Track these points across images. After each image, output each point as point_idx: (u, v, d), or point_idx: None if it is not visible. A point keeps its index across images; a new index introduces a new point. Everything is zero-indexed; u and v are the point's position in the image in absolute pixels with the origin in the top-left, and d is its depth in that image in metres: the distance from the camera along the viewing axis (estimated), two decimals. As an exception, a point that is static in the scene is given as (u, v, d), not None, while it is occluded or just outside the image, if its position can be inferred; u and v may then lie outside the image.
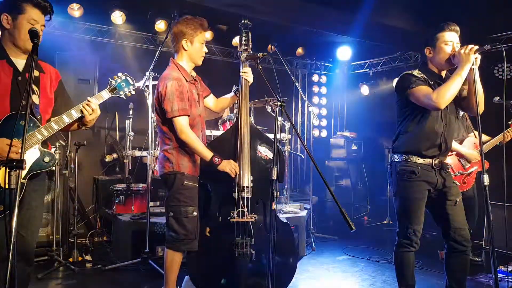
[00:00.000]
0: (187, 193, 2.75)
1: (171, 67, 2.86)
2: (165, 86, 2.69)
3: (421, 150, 2.62)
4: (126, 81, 2.37)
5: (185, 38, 2.82)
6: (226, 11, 4.89)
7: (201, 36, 2.87)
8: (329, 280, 3.81)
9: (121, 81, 2.35)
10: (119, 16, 5.37)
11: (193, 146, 2.72)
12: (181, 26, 2.83)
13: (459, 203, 2.66)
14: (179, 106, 2.67)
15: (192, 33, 2.83)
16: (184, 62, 2.88)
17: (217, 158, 2.76)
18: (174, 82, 2.69)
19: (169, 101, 2.66)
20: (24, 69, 2.11)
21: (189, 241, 2.75)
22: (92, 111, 2.18)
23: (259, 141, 3.08)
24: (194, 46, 2.85)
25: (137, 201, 4.56)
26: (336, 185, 6.63)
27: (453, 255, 2.65)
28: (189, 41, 2.83)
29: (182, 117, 2.68)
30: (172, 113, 2.67)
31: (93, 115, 2.19)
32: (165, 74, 2.81)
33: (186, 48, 2.84)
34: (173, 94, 2.67)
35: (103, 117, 5.51)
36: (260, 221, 2.98)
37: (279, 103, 2.51)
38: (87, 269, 3.90)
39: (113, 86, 2.33)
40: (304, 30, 6.02)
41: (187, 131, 2.69)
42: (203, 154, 2.74)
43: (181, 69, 2.83)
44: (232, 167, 2.82)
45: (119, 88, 2.34)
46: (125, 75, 2.37)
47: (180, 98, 2.68)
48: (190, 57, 2.87)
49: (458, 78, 2.43)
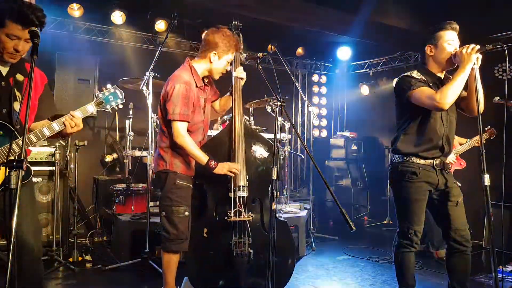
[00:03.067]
0: (179, 193, 2.75)
1: (184, 68, 2.84)
2: (173, 87, 2.68)
3: (422, 151, 2.61)
4: (115, 94, 2.30)
5: (215, 51, 2.80)
6: (226, 11, 4.88)
7: (230, 56, 2.86)
8: (329, 280, 3.81)
9: (109, 94, 2.28)
10: (119, 16, 5.37)
11: (188, 150, 2.72)
12: (218, 38, 2.80)
13: (461, 203, 2.65)
14: (181, 111, 2.67)
15: (225, 50, 2.81)
16: (201, 68, 2.86)
17: (213, 162, 2.75)
18: (183, 86, 2.68)
19: (173, 103, 2.66)
20: (7, 74, 2.04)
21: (180, 241, 2.74)
22: (74, 125, 2.09)
23: (254, 140, 3.08)
24: (220, 62, 2.84)
25: (137, 201, 4.56)
26: (336, 185, 6.63)
27: (454, 256, 2.64)
28: (217, 55, 2.82)
29: (181, 122, 2.68)
30: (173, 116, 2.66)
31: (75, 129, 2.10)
32: (176, 74, 2.79)
33: (212, 61, 2.83)
34: (178, 97, 2.66)
35: (103, 117, 5.51)
36: (257, 220, 2.98)
37: (279, 103, 2.51)
38: (87, 269, 3.90)
39: (100, 100, 2.25)
40: (304, 30, 6.02)
41: (183, 136, 2.69)
42: (198, 158, 2.73)
43: (194, 73, 2.82)
44: (229, 169, 2.80)
45: (106, 101, 2.27)
46: (114, 88, 2.31)
47: (184, 103, 2.68)
48: (211, 70, 2.86)
49: (460, 78, 2.41)
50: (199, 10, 5.02)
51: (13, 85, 2.05)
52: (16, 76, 2.07)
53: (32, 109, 2.12)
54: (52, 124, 2.06)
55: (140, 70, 4.55)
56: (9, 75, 2.05)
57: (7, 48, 1.95)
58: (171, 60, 5.53)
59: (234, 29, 3.09)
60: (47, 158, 4.14)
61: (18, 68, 2.10)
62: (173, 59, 5.75)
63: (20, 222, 1.99)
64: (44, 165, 4.12)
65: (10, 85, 2.04)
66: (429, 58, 2.66)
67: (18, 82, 2.07)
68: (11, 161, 1.56)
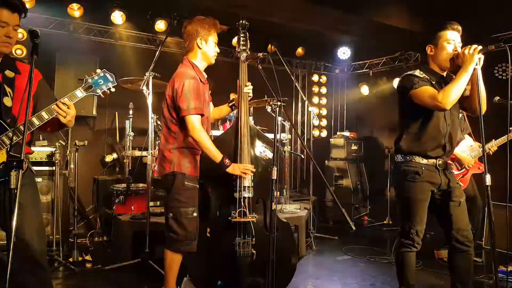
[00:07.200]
0: (187, 194, 2.75)
1: (186, 65, 2.86)
2: (183, 83, 2.68)
3: (425, 150, 2.61)
4: (105, 78, 2.21)
5: (199, 37, 2.85)
6: (226, 11, 4.88)
7: (214, 36, 2.91)
8: (329, 280, 3.81)
9: (98, 78, 2.19)
10: (119, 16, 5.37)
11: (204, 146, 2.71)
12: (196, 25, 2.86)
13: (463, 204, 2.65)
14: (195, 105, 2.68)
15: (207, 32, 2.86)
16: (198, 61, 2.90)
17: (227, 160, 2.76)
18: (192, 81, 2.71)
19: (186, 99, 2.66)
20: None
21: (189, 242, 2.75)
22: (65, 112, 2.02)
23: (259, 141, 3.08)
24: (208, 45, 2.88)
25: (137, 201, 4.55)
26: (336, 185, 6.63)
27: (456, 256, 2.64)
28: (203, 40, 2.86)
29: (196, 116, 2.69)
30: (188, 111, 2.66)
31: (68, 117, 2.04)
32: (181, 71, 2.81)
33: (200, 47, 2.86)
34: (190, 92, 2.67)
35: (103, 117, 5.51)
36: (260, 220, 2.98)
37: (279, 103, 2.51)
38: (87, 269, 3.90)
39: (88, 84, 2.16)
40: (304, 30, 6.02)
41: (200, 130, 2.69)
42: (213, 154, 2.73)
43: (196, 69, 2.85)
44: (243, 170, 2.81)
45: (95, 85, 2.17)
46: (104, 71, 2.22)
47: (197, 97, 2.70)
48: (204, 55, 2.90)
49: (463, 78, 2.41)
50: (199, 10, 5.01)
51: (3, 81, 2.03)
52: (6, 73, 2.05)
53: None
54: (41, 112, 2.00)
55: (140, 70, 4.54)
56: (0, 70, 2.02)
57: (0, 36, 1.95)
58: (171, 60, 5.51)
59: (241, 28, 3.09)
60: (47, 158, 4.14)
61: (8, 65, 2.08)
62: (173, 59, 5.74)
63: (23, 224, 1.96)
64: (44, 165, 4.12)
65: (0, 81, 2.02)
66: (430, 58, 2.67)
67: (8, 78, 2.04)
68: (11, 161, 1.56)
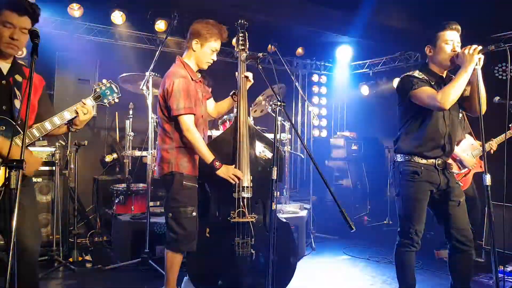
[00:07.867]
0: (186, 194, 2.75)
1: (177, 65, 2.86)
2: (172, 83, 2.68)
3: (424, 150, 2.62)
4: (111, 89, 2.31)
5: (197, 39, 2.82)
6: (226, 11, 4.88)
7: (215, 44, 2.86)
8: (329, 280, 3.81)
9: (105, 89, 2.29)
10: (119, 16, 5.37)
11: (196, 146, 2.70)
12: (199, 27, 2.82)
13: (462, 203, 2.65)
14: (185, 104, 2.67)
15: (207, 38, 2.81)
16: (191, 62, 2.89)
17: (218, 163, 2.75)
18: (182, 80, 2.70)
19: (176, 98, 2.66)
20: (8, 73, 2.08)
21: (188, 241, 2.75)
22: (87, 111, 2.17)
23: (258, 141, 3.08)
24: (203, 50, 2.84)
25: (137, 201, 4.55)
26: (336, 185, 6.63)
27: (456, 255, 2.64)
28: (199, 44, 2.83)
29: (188, 115, 2.68)
30: (178, 111, 2.66)
31: (87, 115, 2.17)
32: (171, 71, 2.81)
33: (194, 49, 2.85)
34: (179, 92, 2.66)
35: (103, 117, 5.51)
36: (260, 221, 2.97)
37: (279, 103, 2.51)
38: (87, 269, 3.90)
39: (97, 94, 2.27)
40: (304, 30, 6.02)
41: (193, 130, 2.68)
42: (204, 155, 2.73)
43: (187, 68, 2.84)
44: (231, 175, 2.78)
45: (103, 95, 2.28)
46: (110, 82, 2.32)
47: (186, 96, 2.68)
48: (197, 59, 2.88)
49: (462, 78, 2.42)
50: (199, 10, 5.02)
51: (13, 84, 2.09)
52: (15, 77, 2.11)
53: (32, 109, 2.14)
54: (63, 112, 2.11)
55: (140, 70, 4.54)
56: (9, 75, 2.08)
57: (4, 37, 1.99)
58: (171, 60, 5.45)
59: (240, 28, 3.09)
60: (47, 158, 4.13)
61: (17, 70, 2.14)
62: (173, 59, 5.68)
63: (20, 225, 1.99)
64: (44, 165, 4.12)
65: (10, 83, 2.07)
66: (429, 59, 2.67)
67: (18, 82, 2.11)
68: (11, 161, 1.56)
